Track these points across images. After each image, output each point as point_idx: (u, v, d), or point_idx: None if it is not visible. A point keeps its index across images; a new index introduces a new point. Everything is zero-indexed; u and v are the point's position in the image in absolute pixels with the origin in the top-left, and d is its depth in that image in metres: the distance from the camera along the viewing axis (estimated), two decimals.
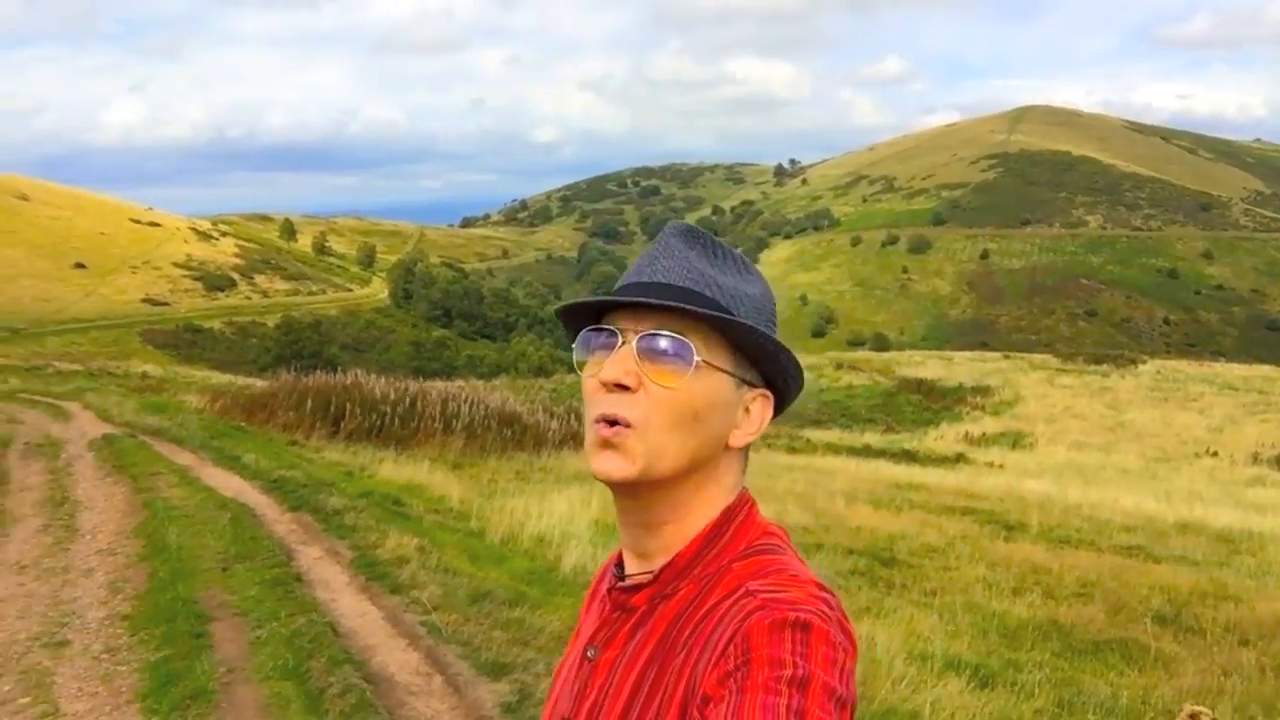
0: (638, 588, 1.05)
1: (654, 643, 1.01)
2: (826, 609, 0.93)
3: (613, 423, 1.00)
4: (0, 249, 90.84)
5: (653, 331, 1.00)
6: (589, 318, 1.06)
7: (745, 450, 1.08)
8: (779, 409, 1.09)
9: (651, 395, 0.99)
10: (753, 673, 0.86)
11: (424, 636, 5.12)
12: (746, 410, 1.05)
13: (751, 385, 1.05)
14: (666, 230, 1.09)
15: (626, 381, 1.00)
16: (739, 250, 1.10)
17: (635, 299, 1.01)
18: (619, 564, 1.11)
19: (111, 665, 4.95)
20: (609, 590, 1.09)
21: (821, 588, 0.96)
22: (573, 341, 1.07)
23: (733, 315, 1.02)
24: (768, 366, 1.05)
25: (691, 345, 1.00)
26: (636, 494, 1.03)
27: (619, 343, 1.01)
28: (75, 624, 5.60)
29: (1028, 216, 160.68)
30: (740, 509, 1.06)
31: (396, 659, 4.86)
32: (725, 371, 1.02)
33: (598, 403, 1.01)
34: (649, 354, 1.00)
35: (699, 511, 1.05)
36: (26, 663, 4.98)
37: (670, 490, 1.03)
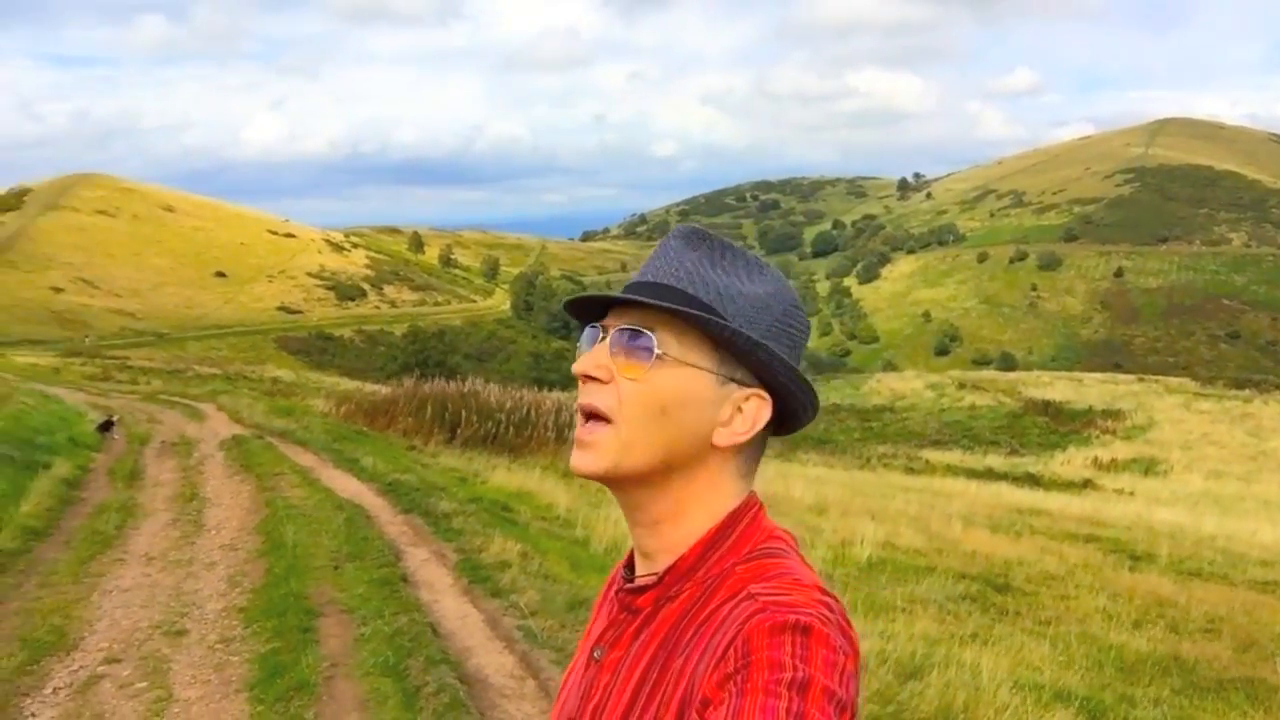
0: (643, 589, 1.05)
1: (656, 644, 1.01)
2: (827, 612, 0.92)
3: (590, 415, 1.03)
4: (148, 257, 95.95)
5: (623, 326, 1.02)
6: (593, 315, 1.08)
7: (747, 451, 1.06)
8: (792, 416, 1.07)
9: (621, 388, 1.02)
10: (752, 675, 0.86)
11: (520, 641, 5.18)
12: (740, 410, 1.03)
13: (742, 384, 1.03)
14: (670, 232, 1.09)
15: (597, 374, 1.03)
16: (756, 254, 1.08)
17: (602, 293, 1.05)
18: (629, 565, 1.11)
19: (225, 655, 5.16)
20: (616, 592, 1.09)
21: (824, 592, 0.95)
22: None
23: (712, 313, 1.01)
24: (751, 364, 1.03)
25: (653, 338, 1.01)
26: (622, 489, 1.05)
27: (600, 338, 1.04)
28: (194, 614, 5.85)
29: (1166, 233, 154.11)
30: (746, 513, 1.05)
31: (492, 661, 4.93)
32: (699, 367, 1.02)
33: (579, 394, 1.05)
34: (618, 347, 1.02)
35: (694, 512, 1.04)
36: (147, 649, 5.23)
37: (654, 487, 1.04)
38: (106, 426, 13.77)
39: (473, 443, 15.00)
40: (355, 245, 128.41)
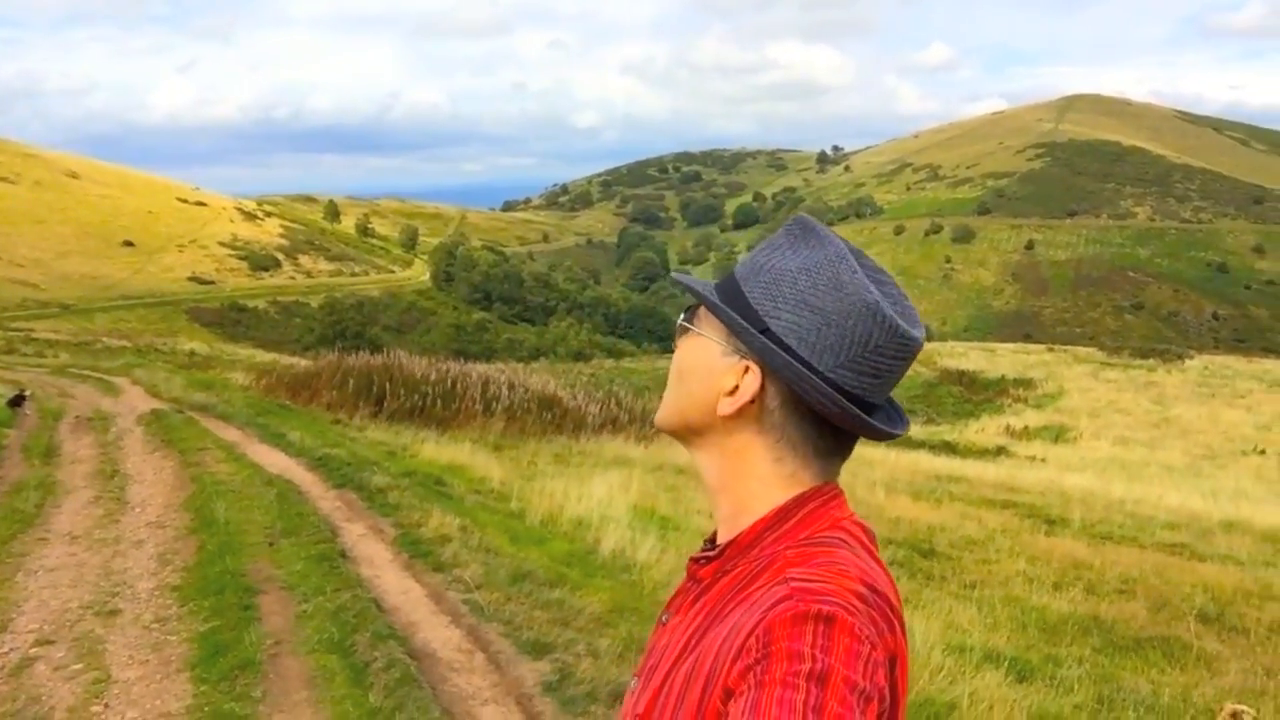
0: (707, 560, 1.09)
1: (704, 614, 1.04)
2: (856, 602, 0.92)
3: None
4: (51, 226, 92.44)
5: None
6: None
7: (777, 431, 1.06)
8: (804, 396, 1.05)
9: None
10: (771, 667, 0.87)
11: (466, 614, 5.19)
12: (741, 382, 1.07)
13: (744, 357, 1.06)
14: None
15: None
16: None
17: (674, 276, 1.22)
18: (712, 537, 1.14)
19: (161, 635, 5.07)
20: (690, 560, 1.13)
21: (869, 585, 0.95)
22: None
23: (737, 288, 1.08)
24: (737, 333, 1.07)
25: (690, 314, 1.13)
26: (685, 447, 1.15)
27: None
28: (126, 594, 5.73)
29: (1074, 207, 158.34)
30: (813, 499, 1.06)
31: (439, 636, 4.93)
32: (708, 337, 1.09)
33: None
34: None
35: (734, 487, 1.08)
36: (79, 630, 5.11)
37: (695, 450, 1.12)
38: (17, 401, 13.30)
39: (399, 416, 14.85)
40: (269, 214, 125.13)
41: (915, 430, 29.16)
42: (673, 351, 1.15)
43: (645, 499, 9.23)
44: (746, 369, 1.05)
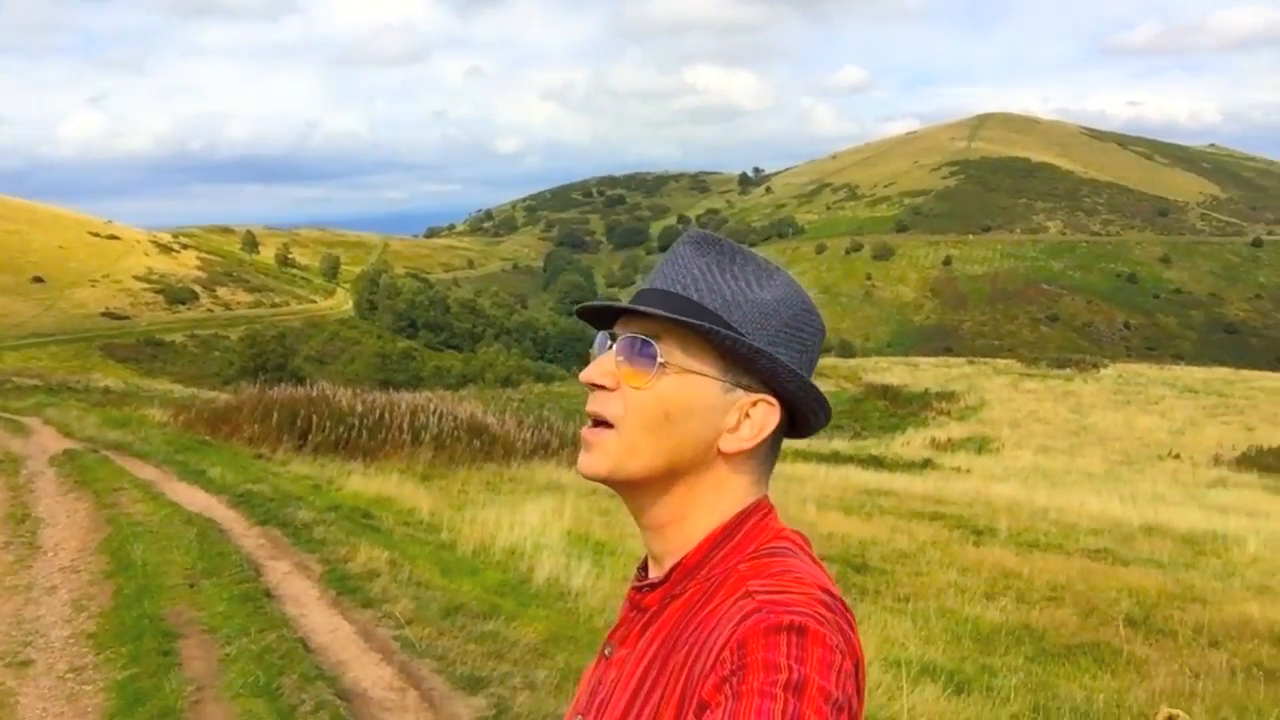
0: (652, 587, 1.07)
1: (659, 641, 1.02)
2: (825, 611, 0.92)
3: (598, 422, 1.05)
4: None
5: (630, 335, 1.04)
6: (605, 321, 1.10)
7: (758, 456, 1.07)
8: (802, 420, 1.09)
9: (626, 396, 1.04)
10: (748, 677, 0.87)
11: (397, 651, 5.06)
12: (747, 416, 1.04)
13: (749, 390, 1.04)
14: (680, 238, 1.10)
15: (603, 382, 1.05)
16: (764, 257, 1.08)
17: (612, 303, 1.08)
18: (643, 565, 1.12)
19: (77, 684, 4.85)
20: (630, 590, 1.11)
21: (826, 591, 0.96)
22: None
23: (718, 320, 1.02)
24: (757, 371, 1.03)
25: (657, 347, 1.02)
26: (626, 492, 1.08)
27: (609, 345, 1.06)
28: (39, 643, 5.48)
29: (989, 223, 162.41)
30: (754, 514, 1.06)
31: (370, 674, 4.79)
32: (703, 374, 1.03)
33: (588, 401, 1.07)
34: (624, 356, 1.04)
35: (698, 516, 1.05)
36: None
37: (658, 491, 1.06)
38: None
39: (324, 448, 14.56)
40: (185, 246, 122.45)
41: (843, 445, 29.51)
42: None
43: (579, 525, 9.14)
44: (755, 403, 1.04)
